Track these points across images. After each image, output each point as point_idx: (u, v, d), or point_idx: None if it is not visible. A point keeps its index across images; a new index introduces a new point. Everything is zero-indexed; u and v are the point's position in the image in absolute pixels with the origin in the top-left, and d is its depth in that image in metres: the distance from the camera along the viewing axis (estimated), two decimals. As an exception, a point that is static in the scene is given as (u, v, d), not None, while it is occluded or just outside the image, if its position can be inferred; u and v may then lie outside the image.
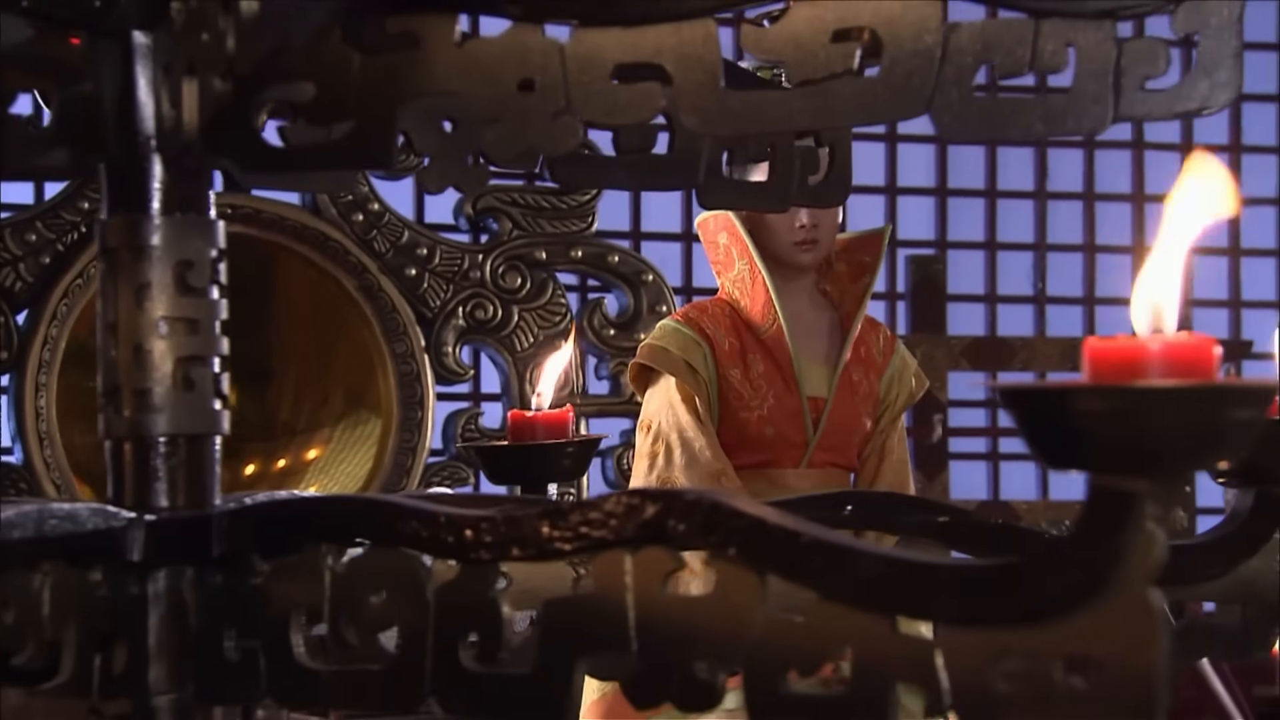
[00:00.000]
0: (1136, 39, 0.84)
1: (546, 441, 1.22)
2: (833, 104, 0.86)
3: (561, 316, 4.22)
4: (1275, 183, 4.80)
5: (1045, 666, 0.64)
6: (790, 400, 2.48)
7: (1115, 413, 0.62)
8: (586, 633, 0.75)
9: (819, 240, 2.50)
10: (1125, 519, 0.63)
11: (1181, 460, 0.63)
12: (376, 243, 4.09)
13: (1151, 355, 0.63)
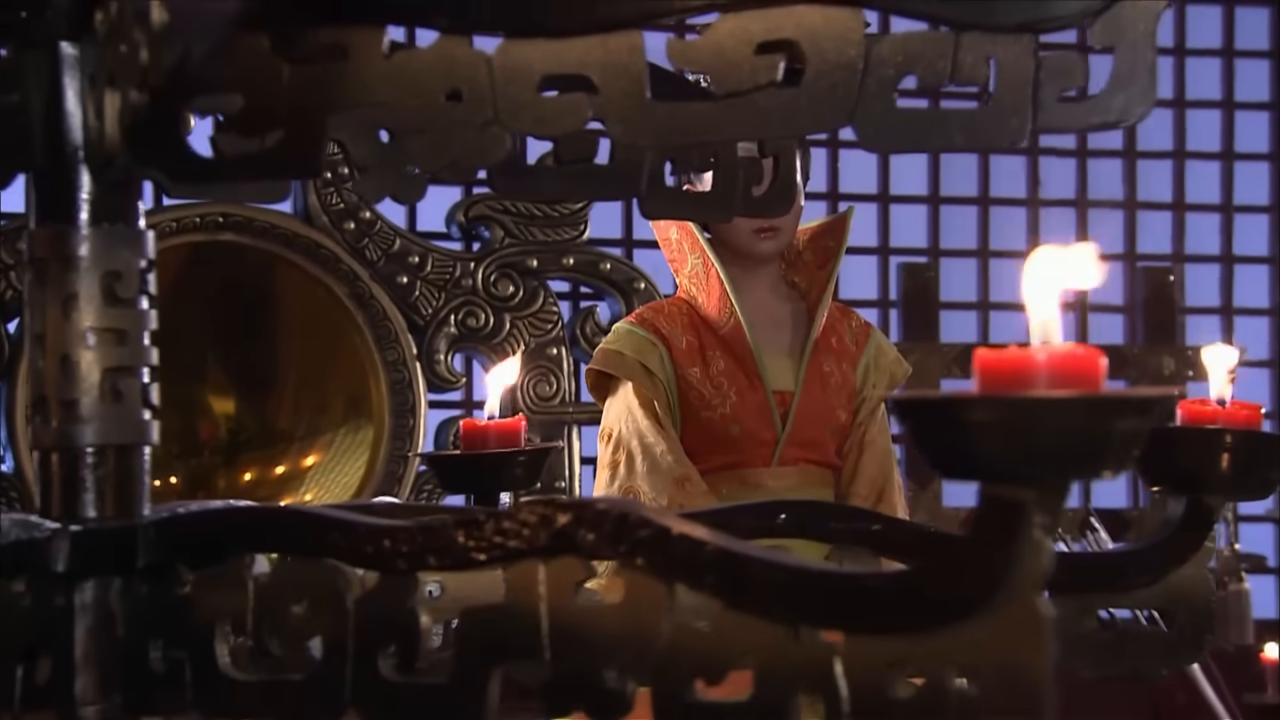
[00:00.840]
0: (1055, 52, 0.85)
1: (498, 450, 1.23)
2: (757, 115, 0.86)
3: (553, 324, 4.22)
4: (1268, 190, 4.80)
5: (940, 674, 0.64)
6: (754, 396, 2.37)
7: (1002, 423, 0.62)
8: (502, 642, 0.75)
9: (780, 228, 2.40)
10: (1015, 528, 0.63)
11: (1068, 470, 0.63)
12: (368, 251, 4.10)
13: (1039, 366, 0.63)
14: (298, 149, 0.87)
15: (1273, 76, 4.78)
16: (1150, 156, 4.71)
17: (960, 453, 0.63)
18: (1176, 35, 4.73)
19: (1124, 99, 0.83)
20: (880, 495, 2.37)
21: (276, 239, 4.07)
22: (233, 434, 4.21)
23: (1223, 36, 4.76)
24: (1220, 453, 0.97)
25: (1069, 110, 0.83)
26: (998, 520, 0.64)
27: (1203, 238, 4.73)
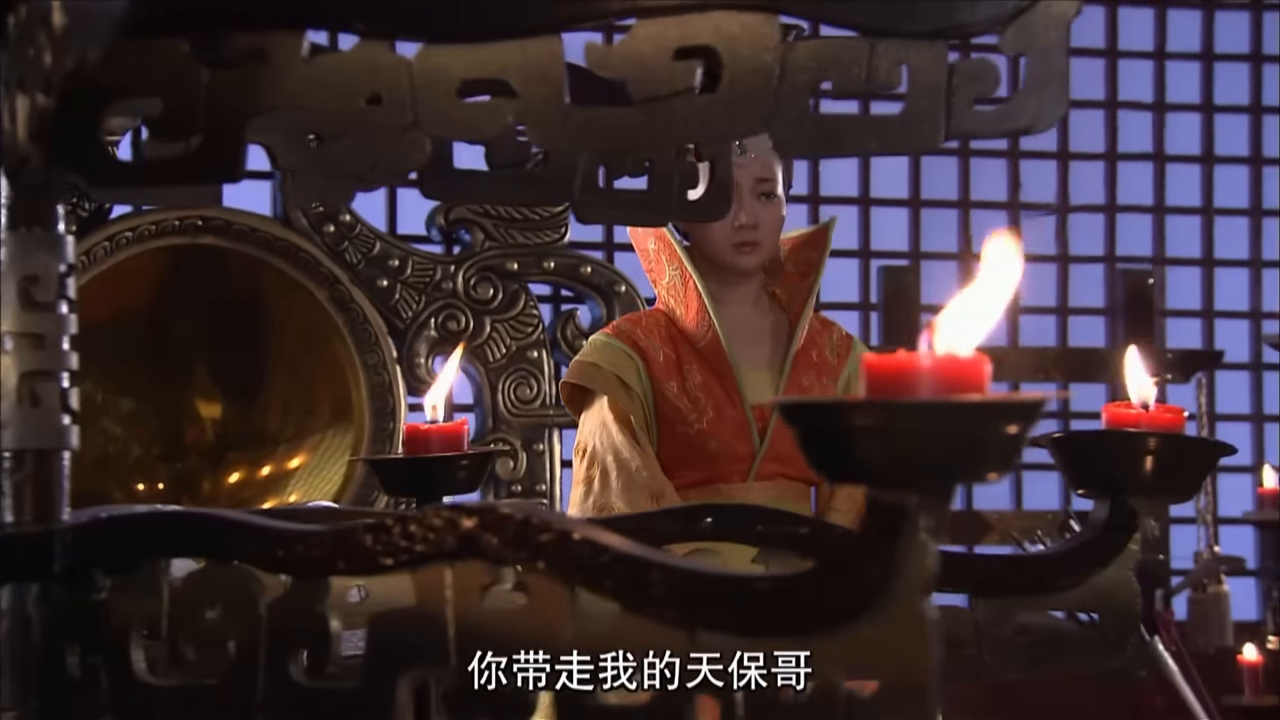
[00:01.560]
0: (967, 59, 0.85)
1: (440, 454, 1.23)
2: (675, 120, 0.87)
3: (534, 327, 4.22)
4: (1247, 193, 4.81)
5: (830, 675, 0.64)
6: (732, 411, 2.33)
7: (885, 428, 0.62)
8: (410, 646, 0.76)
9: (760, 241, 2.35)
10: (900, 532, 0.63)
11: (951, 473, 0.64)
12: (348, 254, 4.10)
13: (924, 371, 0.63)
14: (218, 152, 0.87)
15: (1252, 80, 4.79)
16: (1131, 159, 4.72)
17: (846, 457, 0.63)
18: (1156, 39, 4.74)
19: (1036, 104, 0.83)
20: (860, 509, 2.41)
21: (256, 242, 4.07)
22: (219, 437, 4.21)
23: (1202, 40, 4.77)
24: (1143, 456, 0.97)
25: (982, 116, 0.84)
26: (883, 524, 0.64)
27: (1183, 241, 4.74)
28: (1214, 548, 4.24)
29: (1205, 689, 3.94)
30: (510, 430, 4.14)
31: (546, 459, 4.14)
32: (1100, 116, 4.72)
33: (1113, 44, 4.71)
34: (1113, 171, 4.72)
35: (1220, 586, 4.18)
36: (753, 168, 2.30)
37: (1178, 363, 4.40)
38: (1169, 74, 4.73)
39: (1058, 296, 4.68)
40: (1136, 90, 4.72)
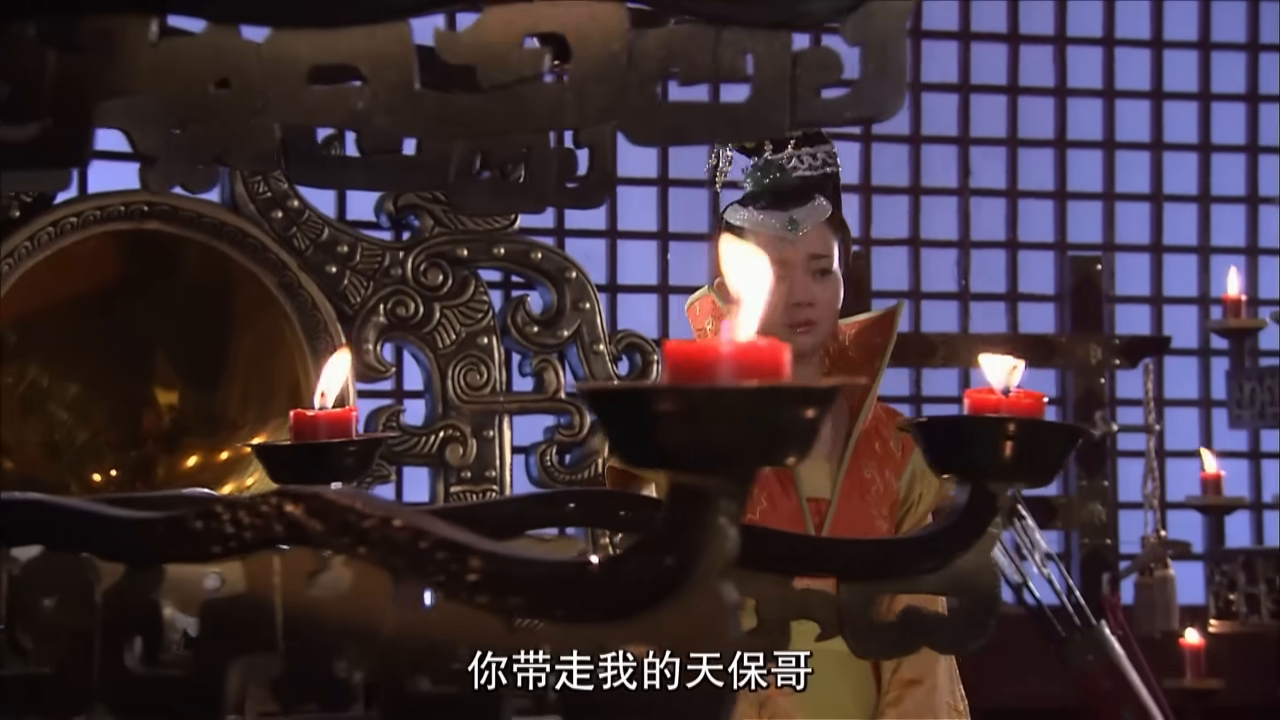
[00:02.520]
0: (812, 48, 0.85)
1: (328, 440, 1.23)
2: (524, 108, 0.87)
3: (484, 314, 4.21)
4: (1196, 180, 4.83)
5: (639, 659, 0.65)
6: (787, 503, 2.17)
7: (685, 413, 0.63)
8: (240, 634, 0.76)
9: (816, 321, 2.20)
10: (701, 516, 0.64)
11: (750, 457, 0.64)
12: (296, 240, 4.08)
13: (723, 357, 0.64)
14: (66, 137, 0.87)
15: (1201, 67, 4.82)
16: (1081, 146, 4.74)
17: (647, 442, 0.64)
18: (1105, 27, 4.76)
19: (877, 93, 0.83)
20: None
21: (203, 228, 4.05)
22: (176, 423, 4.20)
23: (1151, 28, 4.79)
24: (1003, 441, 0.98)
25: (827, 105, 0.84)
26: (685, 508, 0.64)
27: (1133, 227, 4.77)
28: (1160, 532, 4.27)
29: (1151, 673, 3.98)
30: (460, 417, 4.14)
31: (496, 446, 4.14)
32: (1050, 104, 4.74)
33: (1061, 30, 4.72)
34: (1062, 158, 4.73)
35: (1166, 571, 4.21)
36: (806, 244, 2.23)
37: (1125, 349, 4.43)
38: (1118, 61, 4.75)
39: (1007, 283, 4.70)
40: (1086, 77, 4.74)
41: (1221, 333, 4.08)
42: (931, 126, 4.63)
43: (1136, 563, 4.27)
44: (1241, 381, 3.92)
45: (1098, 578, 4.39)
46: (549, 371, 4.25)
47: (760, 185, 2.24)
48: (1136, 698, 4.00)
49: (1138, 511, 4.40)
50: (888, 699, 2.08)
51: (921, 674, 2.07)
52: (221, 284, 4.04)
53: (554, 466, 4.18)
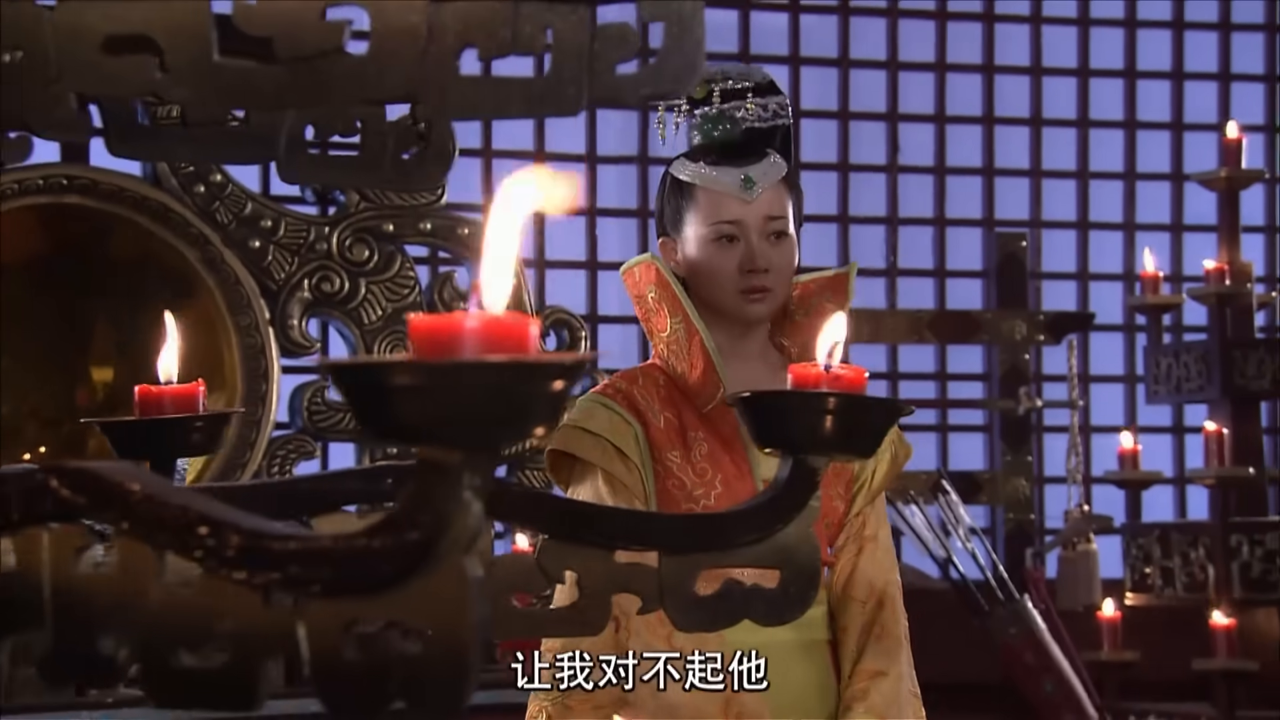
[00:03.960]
0: (610, 23, 0.85)
1: (174, 416, 1.22)
2: (323, 80, 0.86)
3: (410, 289, 4.20)
4: (1122, 157, 4.86)
5: (386, 633, 0.65)
6: (743, 486, 2.03)
7: (427, 387, 0.63)
8: (11, 612, 0.75)
9: (771, 287, 2.01)
10: (445, 491, 0.64)
11: (494, 432, 0.64)
12: (219, 214, 4.05)
13: (468, 331, 0.64)
14: None
15: (1126, 46, 4.85)
16: (1008, 123, 4.76)
17: (391, 417, 0.64)
18: (1033, 5, 4.78)
19: (674, 69, 0.83)
20: (880, 601, 2.05)
21: (124, 202, 4.01)
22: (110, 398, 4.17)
23: (1078, 7, 4.82)
24: (824, 415, 0.98)
25: (623, 81, 0.84)
26: (430, 484, 0.64)
27: (1059, 204, 4.80)
28: (1084, 507, 4.31)
29: (1072, 645, 4.02)
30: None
31: (423, 421, 4.14)
32: (978, 81, 4.76)
33: (990, 8, 4.74)
34: (990, 135, 4.75)
35: (1089, 545, 4.25)
36: (761, 204, 2.02)
37: (1049, 325, 4.46)
38: (1045, 39, 4.77)
39: (935, 259, 4.72)
40: (1014, 55, 4.76)
41: (1139, 309, 4.12)
42: (860, 103, 4.64)
43: (1059, 537, 4.31)
44: (1159, 357, 3.96)
45: (1021, 552, 4.43)
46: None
47: (709, 138, 2.06)
48: (1058, 670, 4.04)
49: (1062, 486, 4.44)
50: (852, 691, 2.00)
51: (886, 665, 2.00)
52: (148, 258, 4.01)
53: (481, 442, 4.18)
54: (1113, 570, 4.23)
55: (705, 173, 2.02)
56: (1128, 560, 3.97)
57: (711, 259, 2.01)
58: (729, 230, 2.00)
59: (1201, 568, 3.75)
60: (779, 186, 2.04)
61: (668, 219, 2.07)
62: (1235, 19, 4.88)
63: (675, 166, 2.06)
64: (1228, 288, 3.82)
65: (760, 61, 4.42)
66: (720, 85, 2.07)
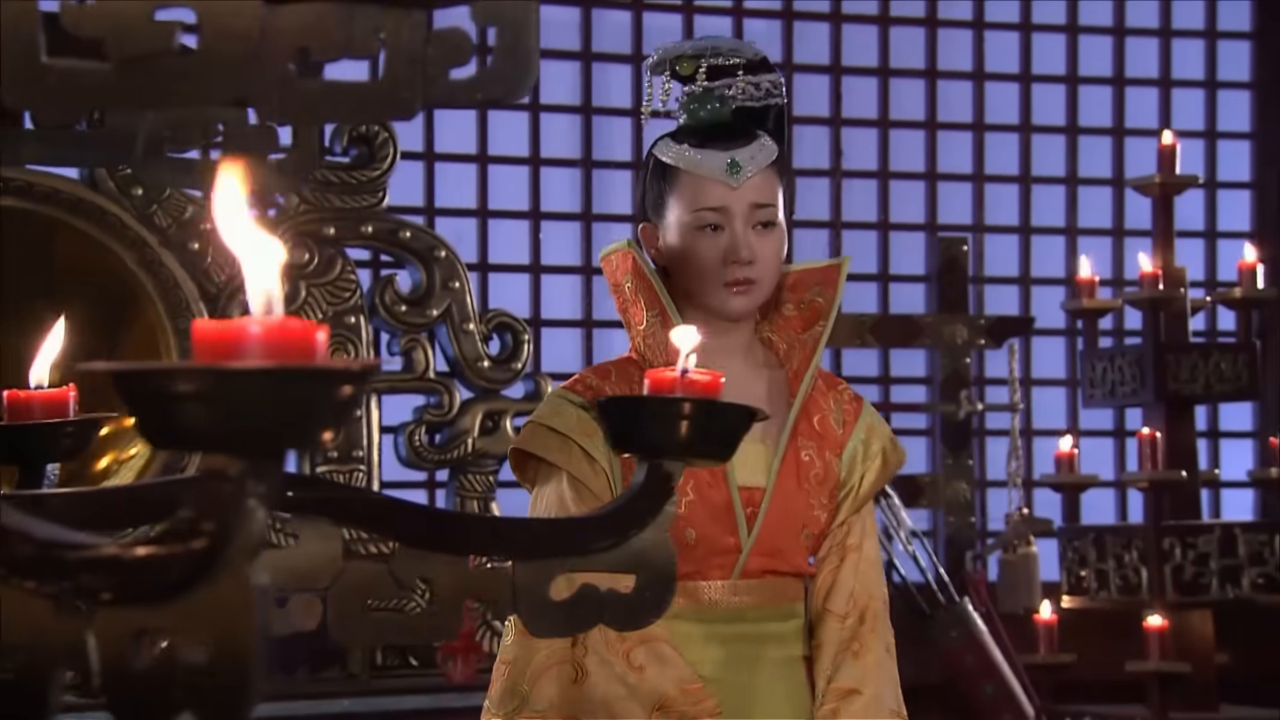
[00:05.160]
0: (444, 28, 0.85)
1: (44, 421, 1.21)
2: (155, 81, 0.86)
3: (351, 292, 4.18)
4: (1064, 162, 4.89)
5: (174, 643, 0.64)
6: (716, 493, 1.89)
7: (208, 394, 0.62)
8: None
9: (756, 280, 1.87)
10: (228, 499, 0.63)
11: (278, 439, 0.64)
12: (157, 217, 4.01)
13: (252, 338, 0.63)
14: None
15: (1069, 51, 4.87)
16: (951, 128, 4.78)
17: (172, 424, 0.63)
18: (975, 11, 4.80)
19: (508, 76, 0.83)
20: (862, 615, 1.91)
21: (60, 204, 3.98)
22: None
23: (1020, 12, 4.84)
24: (679, 420, 0.98)
25: (457, 84, 0.83)
26: (213, 491, 0.64)
27: (1002, 208, 4.82)
28: (1024, 510, 4.33)
29: (1012, 648, 4.04)
30: (327, 396, 4.11)
31: (364, 425, 4.12)
32: (921, 86, 4.77)
33: (932, 13, 4.76)
34: (933, 140, 4.77)
35: (1030, 548, 4.27)
36: (747, 191, 1.88)
37: (990, 329, 4.48)
38: (988, 44, 4.80)
39: (879, 263, 4.73)
40: (957, 60, 4.78)
41: (1075, 313, 4.14)
42: (803, 108, 4.65)
43: (1000, 540, 4.33)
44: (1094, 361, 3.98)
45: (963, 555, 4.45)
46: (418, 351, 4.22)
47: (696, 118, 1.90)
48: (998, 672, 4.06)
49: (1003, 490, 4.46)
50: (822, 712, 1.89)
51: (860, 683, 1.88)
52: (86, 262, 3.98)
53: (423, 446, 4.16)
54: (1051, 573, 4.25)
55: (689, 155, 1.88)
56: (1064, 563, 3.99)
57: (693, 248, 1.88)
58: (712, 218, 1.87)
59: (1135, 570, 3.77)
60: (768, 171, 1.89)
61: (649, 203, 1.93)
62: (1175, 25, 4.92)
63: (658, 147, 1.93)
64: (1161, 293, 3.85)
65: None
66: (709, 61, 1.92)
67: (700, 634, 1.89)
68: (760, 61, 1.95)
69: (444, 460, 4.11)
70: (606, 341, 4.54)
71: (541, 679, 1.85)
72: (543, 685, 1.84)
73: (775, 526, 1.91)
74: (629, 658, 1.82)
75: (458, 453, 4.11)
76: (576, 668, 1.84)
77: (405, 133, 4.00)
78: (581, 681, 1.83)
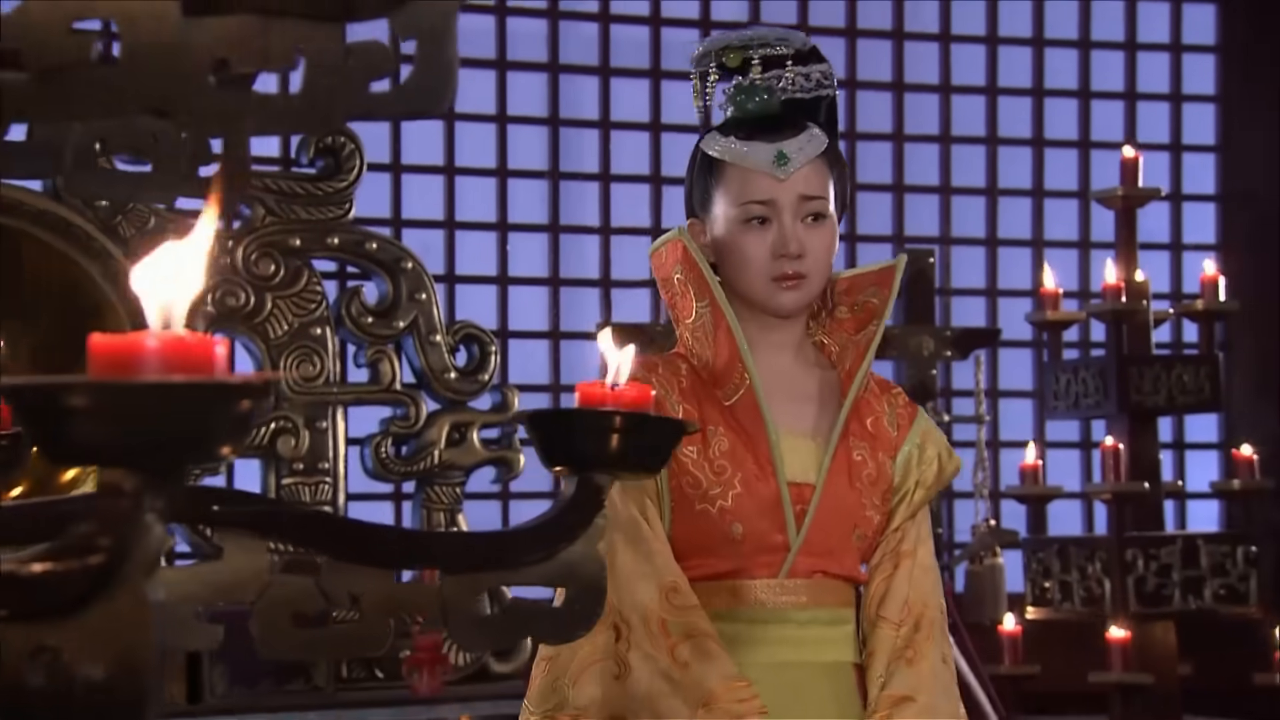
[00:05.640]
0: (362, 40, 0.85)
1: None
2: (72, 93, 0.85)
3: (317, 304, 4.18)
4: (1030, 174, 4.91)
5: (71, 659, 0.64)
6: (765, 487, 1.84)
7: (104, 408, 0.62)
8: None
9: (806, 275, 1.83)
10: (125, 514, 0.63)
11: (174, 454, 0.63)
12: (121, 228, 4.00)
13: (149, 352, 0.63)
14: None
15: (1035, 64, 4.90)
16: (918, 140, 4.80)
17: (69, 439, 0.63)
18: (942, 24, 4.82)
19: (428, 88, 0.83)
20: (917, 623, 1.86)
21: (24, 216, 3.96)
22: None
23: (986, 24, 4.86)
24: (609, 433, 0.98)
25: (377, 97, 0.83)
26: (110, 506, 0.63)
27: (969, 221, 4.84)
28: (990, 521, 4.34)
29: (978, 659, 4.04)
30: (292, 408, 4.09)
31: (330, 437, 4.11)
32: (888, 98, 4.79)
33: (899, 26, 4.78)
34: (900, 152, 4.79)
35: (996, 559, 4.28)
36: (796, 182, 1.84)
37: (956, 340, 4.48)
38: (954, 56, 4.82)
39: (846, 275, 4.75)
40: (923, 72, 4.80)
41: (1039, 325, 4.15)
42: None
43: (966, 551, 4.34)
44: (1058, 373, 3.99)
45: (929, 566, 4.45)
46: (384, 362, 4.22)
47: (744, 111, 1.87)
48: (965, 683, 4.07)
49: (970, 501, 4.47)
50: (876, 718, 1.83)
51: (913, 690, 1.82)
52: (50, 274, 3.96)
53: (389, 458, 4.15)
54: (1016, 584, 4.26)
55: (735, 148, 1.84)
56: (1028, 575, 3.99)
57: (740, 242, 1.84)
58: (760, 211, 1.84)
59: (1098, 582, 3.78)
60: (818, 163, 1.86)
61: (696, 198, 1.91)
62: (1141, 38, 4.95)
63: (705, 141, 1.89)
64: (1124, 305, 3.86)
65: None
66: (760, 52, 1.88)
67: (745, 635, 1.84)
68: (810, 52, 1.91)
69: (410, 472, 4.10)
70: (575, 353, 4.53)
71: (583, 677, 1.80)
72: (584, 683, 1.79)
73: (825, 525, 1.87)
74: (674, 653, 1.77)
75: (424, 464, 4.10)
76: (620, 664, 1.78)
77: (372, 144, 4.00)
78: (624, 678, 1.78)
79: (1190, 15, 4.93)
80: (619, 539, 1.80)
